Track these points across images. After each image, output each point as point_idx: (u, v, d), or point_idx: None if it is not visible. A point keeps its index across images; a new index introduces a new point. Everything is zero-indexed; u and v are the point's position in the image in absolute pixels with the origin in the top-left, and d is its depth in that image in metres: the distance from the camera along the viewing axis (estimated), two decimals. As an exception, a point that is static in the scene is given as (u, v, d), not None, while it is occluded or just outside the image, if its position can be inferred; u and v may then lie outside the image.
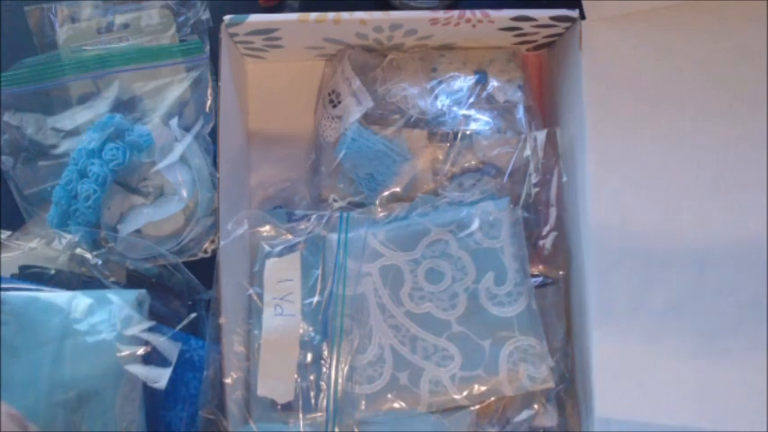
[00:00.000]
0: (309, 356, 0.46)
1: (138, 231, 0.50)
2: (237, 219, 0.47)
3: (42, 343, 0.43)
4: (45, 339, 0.43)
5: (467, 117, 0.50)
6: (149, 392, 0.45)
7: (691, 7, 0.47)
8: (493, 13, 0.45)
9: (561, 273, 0.49)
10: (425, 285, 0.47)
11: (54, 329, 0.44)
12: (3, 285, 0.45)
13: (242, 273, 0.49)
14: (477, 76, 0.51)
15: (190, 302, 0.49)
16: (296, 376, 0.46)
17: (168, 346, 0.45)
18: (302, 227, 0.49)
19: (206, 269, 0.47)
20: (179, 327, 0.47)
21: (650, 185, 0.47)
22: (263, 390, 0.46)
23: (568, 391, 0.47)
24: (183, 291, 0.49)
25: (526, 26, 0.47)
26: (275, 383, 0.46)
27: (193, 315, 0.48)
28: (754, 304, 0.45)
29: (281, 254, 0.48)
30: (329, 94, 0.51)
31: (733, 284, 0.46)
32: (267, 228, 0.49)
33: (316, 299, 0.47)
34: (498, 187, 0.49)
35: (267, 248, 0.48)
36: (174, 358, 0.45)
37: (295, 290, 0.47)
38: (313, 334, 0.47)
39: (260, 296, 0.48)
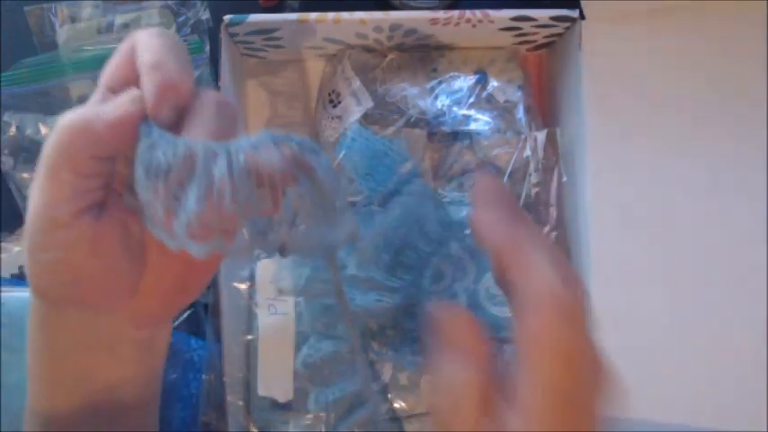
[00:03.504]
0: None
1: (137, 231, 0.50)
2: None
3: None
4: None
5: (467, 117, 0.50)
6: (149, 392, 0.45)
7: (691, 7, 0.47)
8: (493, 13, 0.45)
9: (561, 273, 0.49)
10: (425, 285, 0.47)
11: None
12: (2, 286, 0.45)
13: (240, 273, 0.49)
14: (477, 76, 0.51)
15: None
16: (294, 374, 0.46)
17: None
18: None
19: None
20: (175, 324, 0.47)
21: (650, 185, 0.47)
22: (262, 389, 0.46)
23: (568, 391, 0.47)
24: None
25: (526, 26, 0.47)
26: (274, 382, 0.46)
27: (189, 311, 0.48)
28: (754, 304, 0.45)
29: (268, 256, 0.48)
30: (329, 94, 0.51)
31: (733, 284, 0.46)
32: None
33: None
34: (498, 187, 0.49)
35: (260, 249, 0.48)
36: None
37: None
38: (308, 331, 0.47)
39: (255, 296, 0.48)
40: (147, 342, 0.30)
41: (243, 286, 0.48)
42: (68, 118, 0.24)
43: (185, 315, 0.48)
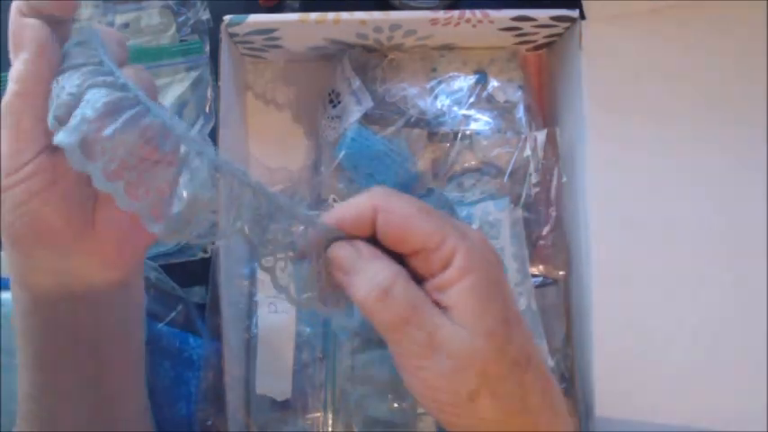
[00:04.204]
0: (307, 354, 0.46)
1: (137, 231, 0.50)
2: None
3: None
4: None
5: (467, 117, 0.50)
6: (149, 391, 0.45)
7: (691, 7, 0.47)
8: (493, 13, 0.45)
9: (561, 273, 0.49)
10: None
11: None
12: (2, 287, 0.45)
13: (240, 272, 0.49)
14: (477, 76, 0.51)
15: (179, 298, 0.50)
16: (293, 374, 0.46)
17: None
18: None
19: (206, 268, 0.47)
20: (166, 321, 0.48)
21: (650, 185, 0.47)
22: (261, 388, 0.46)
23: (568, 391, 0.47)
24: (167, 289, 0.49)
25: (526, 26, 0.47)
26: (273, 381, 0.46)
27: (181, 308, 0.48)
28: (754, 304, 0.45)
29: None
30: (329, 94, 0.51)
31: (733, 284, 0.46)
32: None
33: (309, 295, 0.47)
34: (498, 187, 0.49)
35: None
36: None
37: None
38: (309, 330, 0.47)
39: (255, 294, 0.48)
40: (121, 288, 0.32)
41: (243, 284, 0.48)
42: (17, 72, 0.28)
43: (178, 310, 0.48)
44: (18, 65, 0.28)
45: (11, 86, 0.28)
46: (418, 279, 0.28)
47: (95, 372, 0.32)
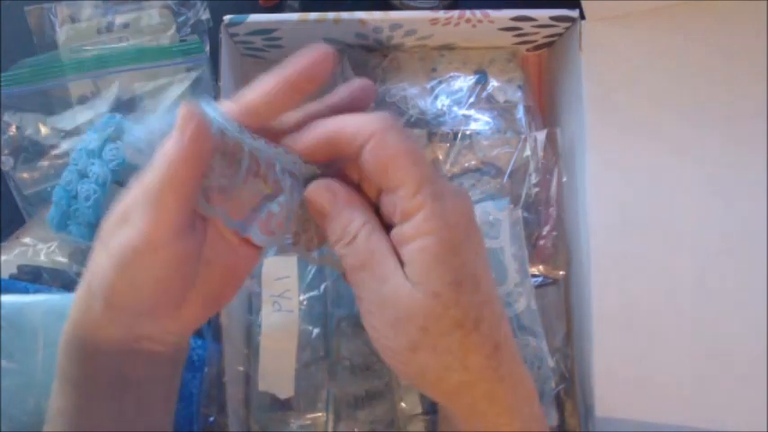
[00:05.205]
0: (309, 353, 0.46)
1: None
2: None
3: (41, 346, 0.43)
4: (44, 342, 0.43)
5: (467, 117, 0.50)
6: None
7: (691, 7, 0.47)
8: (493, 13, 0.45)
9: (561, 273, 0.49)
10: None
11: (53, 332, 0.43)
12: (2, 288, 0.45)
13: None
14: (477, 76, 0.51)
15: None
16: (296, 373, 0.46)
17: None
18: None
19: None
20: None
21: (650, 185, 0.47)
22: (263, 385, 0.46)
23: (568, 391, 0.47)
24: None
25: (526, 26, 0.47)
26: (275, 379, 0.46)
27: None
28: (754, 304, 0.45)
29: (277, 252, 0.48)
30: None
31: (733, 284, 0.46)
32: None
33: (313, 294, 0.47)
34: (498, 187, 0.49)
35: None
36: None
37: (292, 287, 0.47)
38: (311, 329, 0.47)
39: (259, 294, 0.48)
40: (177, 345, 0.32)
41: (247, 283, 0.48)
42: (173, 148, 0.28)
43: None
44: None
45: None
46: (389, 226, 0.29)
47: (134, 416, 0.31)
